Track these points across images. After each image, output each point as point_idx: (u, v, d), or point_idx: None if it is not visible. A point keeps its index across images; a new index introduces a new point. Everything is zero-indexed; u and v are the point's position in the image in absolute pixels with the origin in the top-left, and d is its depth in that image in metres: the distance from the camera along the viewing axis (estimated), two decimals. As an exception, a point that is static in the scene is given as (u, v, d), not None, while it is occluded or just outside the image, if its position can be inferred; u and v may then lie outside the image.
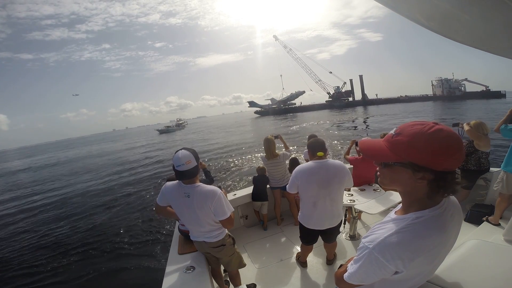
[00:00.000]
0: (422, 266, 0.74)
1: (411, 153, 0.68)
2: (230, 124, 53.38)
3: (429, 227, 0.71)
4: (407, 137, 0.69)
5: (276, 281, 2.34)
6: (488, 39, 1.06)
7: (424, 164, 0.67)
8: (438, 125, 0.68)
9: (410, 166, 0.69)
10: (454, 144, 0.66)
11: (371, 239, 0.74)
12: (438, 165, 0.67)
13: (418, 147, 0.67)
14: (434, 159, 0.66)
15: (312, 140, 2.14)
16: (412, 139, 0.68)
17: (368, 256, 0.73)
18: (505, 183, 2.50)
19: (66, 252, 4.91)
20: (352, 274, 0.80)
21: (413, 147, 0.68)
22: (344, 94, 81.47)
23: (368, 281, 0.79)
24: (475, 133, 2.77)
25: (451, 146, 0.65)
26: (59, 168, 21.12)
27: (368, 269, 0.74)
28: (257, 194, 3.31)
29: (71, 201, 8.95)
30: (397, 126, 0.75)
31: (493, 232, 2.36)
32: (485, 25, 0.94)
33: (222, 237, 1.87)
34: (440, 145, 0.65)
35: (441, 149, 0.65)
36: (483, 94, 55.78)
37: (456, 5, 0.94)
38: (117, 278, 3.95)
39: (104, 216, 6.69)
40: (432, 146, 0.65)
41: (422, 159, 0.67)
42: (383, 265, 0.71)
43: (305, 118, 41.36)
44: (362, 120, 28.75)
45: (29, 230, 6.43)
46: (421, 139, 0.66)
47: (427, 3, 1.01)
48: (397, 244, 0.69)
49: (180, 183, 1.73)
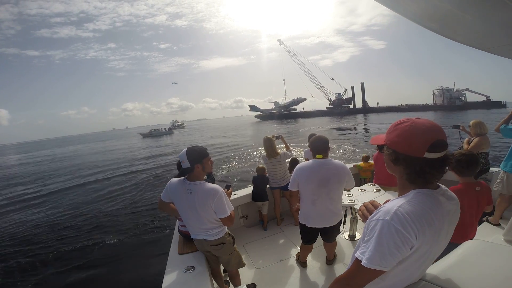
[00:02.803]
0: (425, 246, 0.75)
1: (388, 137, 0.83)
2: (230, 128, 53.32)
3: (431, 200, 0.76)
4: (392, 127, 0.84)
5: (276, 281, 2.33)
6: (488, 39, 1.09)
7: (393, 147, 0.81)
8: (417, 120, 0.79)
9: (387, 149, 0.84)
10: (422, 134, 0.75)
11: (384, 213, 0.73)
12: (400, 148, 0.79)
13: (390, 132, 0.83)
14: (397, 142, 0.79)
15: (314, 138, 2.10)
16: (389, 129, 0.84)
17: (388, 230, 0.69)
18: (505, 183, 2.51)
19: (65, 252, 4.86)
20: (372, 255, 0.71)
21: (389, 133, 0.84)
22: (345, 101, 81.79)
23: (390, 262, 0.71)
24: (476, 145, 2.85)
25: (413, 133, 0.76)
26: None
27: (390, 244, 0.69)
28: (258, 194, 3.31)
29: (71, 200, 8.91)
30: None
31: (493, 232, 2.37)
32: (485, 25, 0.98)
33: (222, 235, 1.88)
34: (404, 131, 0.78)
35: (404, 134, 0.77)
36: (483, 104, 56.01)
37: (456, 5, 0.97)
38: (117, 278, 3.92)
39: (104, 216, 6.65)
40: (399, 131, 0.79)
41: (391, 141, 0.82)
42: (405, 237, 0.68)
43: (306, 124, 41.45)
44: (361, 127, 28.85)
45: (28, 229, 6.37)
46: (398, 128, 0.81)
47: (428, 3, 1.05)
48: (412, 213, 0.71)
49: (184, 180, 1.77)
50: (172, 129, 62.95)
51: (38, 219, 6.94)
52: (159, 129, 55.84)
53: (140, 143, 35.92)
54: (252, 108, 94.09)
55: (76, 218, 6.73)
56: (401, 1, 1.13)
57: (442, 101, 64.99)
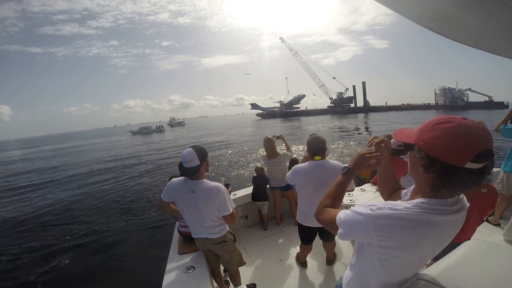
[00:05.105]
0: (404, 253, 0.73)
1: (422, 137, 0.69)
2: (232, 126, 53.07)
3: (430, 217, 0.68)
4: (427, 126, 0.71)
5: (276, 281, 2.34)
6: (488, 39, 1.09)
7: (427, 149, 0.68)
8: (464, 120, 0.65)
9: (418, 151, 0.71)
10: (467, 140, 0.62)
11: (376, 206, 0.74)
12: (437, 153, 0.66)
13: (426, 131, 0.69)
14: (435, 146, 0.66)
15: (312, 139, 2.09)
16: (425, 126, 0.70)
17: (364, 211, 0.73)
18: (505, 183, 2.50)
19: (64, 252, 4.84)
20: (343, 216, 0.80)
21: (423, 131, 0.70)
22: (346, 100, 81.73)
23: (349, 231, 0.78)
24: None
25: (458, 138, 0.63)
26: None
27: (355, 219, 0.74)
28: (258, 194, 3.31)
29: (70, 200, 8.94)
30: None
31: (493, 232, 2.37)
32: (485, 25, 0.97)
33: (224, 233, 1.89)
34: (447, 134, 0.64)
35: (446, 137, 0.64)
36: (485, 105, 55.73)
37: (456, 5, 0.97)
38: (117, 278, 3.93)
39: (103, 216, 6.65)
40: (439, 133, 0.66)
41: (426, 143, 0.68)
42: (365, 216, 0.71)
43: (309, 122, 41.23)
44: (362, 126, 28.78)
45: (25, 229, 6.36)
46: (438, 128, 0.67)
47: (428, 4, 1.04)
48: (391, 216, 0.69)
49: (186, 179, 1.77)
50: (172, 125, 63.01)
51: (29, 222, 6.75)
52: (149, 127, 56.45)
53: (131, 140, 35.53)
54: (253, 106, 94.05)
55: (75, 218, 6.74)
56: (401, 1, 1.13)
57: (444, 101, 64.76)
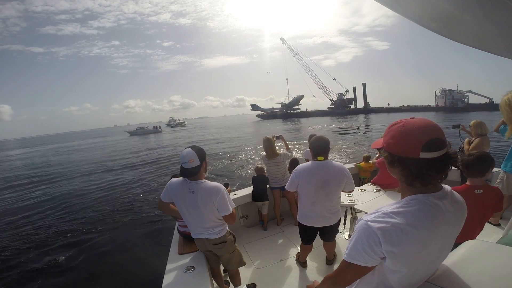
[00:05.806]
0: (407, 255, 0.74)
1: (384, 140, 0.82)
2: (232, 126, 52.94)
3: (424, 208, 0.73)
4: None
5: (276, 281, 2.33)
6: (488, 39, 1.09)
7: (388, 149, 0.80)
8: (410, 119, 0.78)
9: (384, 152, 0.83)
10: (414, 134, 0.73)
11: (367, 216, 0.77)
12: (394, 149, 0.77)
13: (385, 134, 0.82)
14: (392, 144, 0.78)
15: (315, 139, 2.08)
16: (385, 131, 0.83)
17: (361, 227, 0.75)
18: (505, 183, 2.49)
19: (63, 252, 4.83)
20: (349, 250, 0.78)
21: (384, 135, 0.83)
22: (346, 101, 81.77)
23: (360, 258, 0.75)
24: (477, 146, 2.85)
25: (406, 133, 0.74)
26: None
27: (359, 240, 0.74)
28: (258, 194, 3.31)
29: (70, 199, 8.93)
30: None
31: (493, 232, 2.36)
32: (485, 25, 0.98)
33: (224, 233, 1.88)
34: (397, 132, 0.77)
35: (397, 135, 0.76)
36: (486, 106, 55.62)
37: (456, 5, 0.97)
38: (117, 278, 3.92)
39: (102, 216, 6.64)
40: (393, 133, 0.78)
41: (386, 143, 0.80)
42: (372, 234, 0.71)
43: (309, 123, 41.20)
44: (363, 127, 28.77)
45: (23, 227, 6.34)
46: (392, 129, 0.80)
47: (428, 4, 1.05)
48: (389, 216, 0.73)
49: (185, 180, 1.77)
50: (172, 126, 62.82)
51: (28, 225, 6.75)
52: (146, 127, 56.90)
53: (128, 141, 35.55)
54: (253, 107, 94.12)
55: (74, 219, 6.72)
56: (401, 1, 1.14)
57: (444, 103, 64.66)
